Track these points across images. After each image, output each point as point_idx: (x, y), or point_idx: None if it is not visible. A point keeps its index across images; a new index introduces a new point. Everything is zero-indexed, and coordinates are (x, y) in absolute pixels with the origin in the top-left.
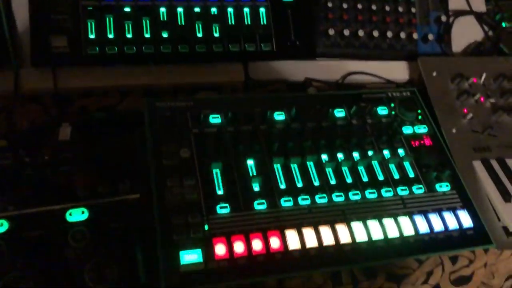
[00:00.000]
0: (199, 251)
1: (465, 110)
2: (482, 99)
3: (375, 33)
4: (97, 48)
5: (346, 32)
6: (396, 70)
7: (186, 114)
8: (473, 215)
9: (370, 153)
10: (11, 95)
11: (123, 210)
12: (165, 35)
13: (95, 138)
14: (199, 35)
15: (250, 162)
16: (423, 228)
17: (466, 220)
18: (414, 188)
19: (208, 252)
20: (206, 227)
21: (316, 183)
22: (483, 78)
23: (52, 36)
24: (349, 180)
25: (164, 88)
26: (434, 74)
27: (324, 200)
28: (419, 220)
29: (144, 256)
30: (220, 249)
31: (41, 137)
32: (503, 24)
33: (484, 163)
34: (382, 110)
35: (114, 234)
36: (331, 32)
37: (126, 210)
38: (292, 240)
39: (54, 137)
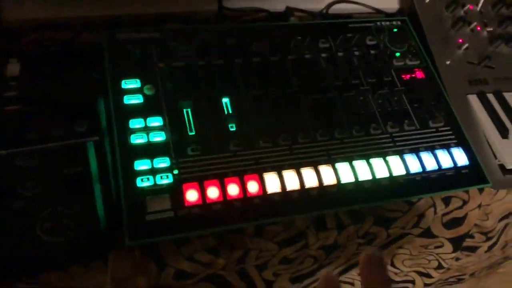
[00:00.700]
0: (167, 198)
1: (461, 40)
2: (478, 27)
3: None
4: None
5: None
6: None
7: (150, 46)
8: (468, 153)
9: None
10: None
11: (80, 154)
12: None
13: (48, 75)
14: None
15: (225, 100)
16: (415, 167)
17: (461, 158)
18: (404, 124)
19: (178, 198)
20: (176, 172)
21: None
22: (480, 4)
23: None
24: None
25: (129, 20)
26: (427, 0)
27: (307, 140)
28: (410, 159)
29: (106, 205)
30: (191, 195)
31: None
32: None
33: (480, 97)
34: (371, 41)
35: (70, 181)
36: None
37: (83, 155)
38: (272, 183)
39: (0, 74)
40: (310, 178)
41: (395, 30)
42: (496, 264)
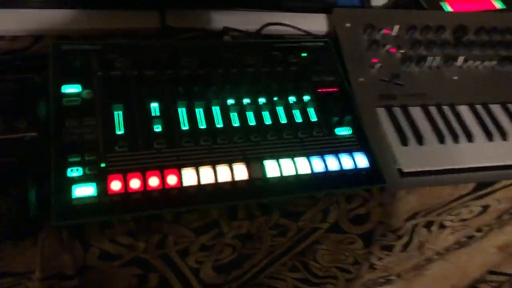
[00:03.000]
0: (93, 185)
1: (375, 60)
2: (393, 49)
3: None
4: None
5: None
6: (315, 22)
7: (92, 57)
8: (370, 157)
9: (275, 99)
10: None
11: (17, 147)
12: None
13: None
14: None
15: (154, 105)
16: (319, 167)
17: (362, 162)
18: (314, 131)
19: (103, 187)
20: (103, 165)
21: (220, 125)
22: (395, 29)
23: None
24: (252, 123)
25: (80, 34)
26: (348, 25)
27: (225, 141)
28: (316, 160)
29: (37, 192)
30: (115, 185)
31: None
32: None
33: (388, 110)
34: (293, 59)
35: (3, 168)
36: None
37: (20, 148)
38: (189, 177)
39: None
40: (224, 173)
41: (317, 49)
42: (420, 266)
